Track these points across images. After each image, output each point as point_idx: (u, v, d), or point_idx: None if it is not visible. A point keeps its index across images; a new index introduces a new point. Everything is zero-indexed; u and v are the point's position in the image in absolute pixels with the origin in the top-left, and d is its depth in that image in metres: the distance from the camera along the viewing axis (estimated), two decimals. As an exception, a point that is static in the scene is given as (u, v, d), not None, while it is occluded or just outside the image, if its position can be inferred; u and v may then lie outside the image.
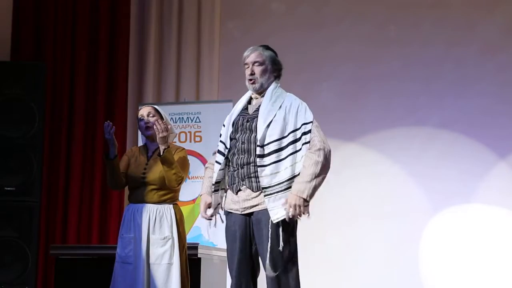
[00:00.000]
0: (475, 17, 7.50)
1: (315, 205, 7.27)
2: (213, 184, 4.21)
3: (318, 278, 7.18)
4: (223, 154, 4.20)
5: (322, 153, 4.06)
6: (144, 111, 5.15)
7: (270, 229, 4.01)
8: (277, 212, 4.01)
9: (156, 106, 5.22)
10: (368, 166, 7.50)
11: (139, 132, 7.22)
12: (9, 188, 6.60)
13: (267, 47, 4.28)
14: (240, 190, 4.14)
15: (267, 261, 4.01)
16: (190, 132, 6.96)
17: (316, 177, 4.03)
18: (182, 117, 7.03)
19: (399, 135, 7.50)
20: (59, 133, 7.73)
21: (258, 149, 4.07)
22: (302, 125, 4.10)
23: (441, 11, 7.57)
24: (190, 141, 6.90)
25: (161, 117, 5.09)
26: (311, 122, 4.11)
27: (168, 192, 5.06)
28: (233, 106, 6.74)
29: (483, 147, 7.33)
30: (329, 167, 4.10)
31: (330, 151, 4.11)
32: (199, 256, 5.57)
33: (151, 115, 5.10)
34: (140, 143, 6.74)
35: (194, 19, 7.88)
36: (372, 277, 7.26)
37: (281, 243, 4.00)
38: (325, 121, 7.31)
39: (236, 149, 4.16)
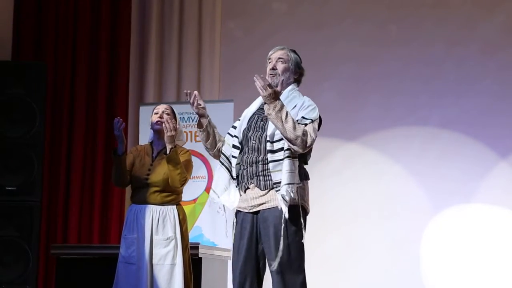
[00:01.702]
0: (476, 17, 7.50)
1: (316, 205, 7.32)
2: (233, 179, 4.21)
3: (319, 278, 7.17)
4: (238, 148, 4.22)
5: (308, 140, 4.03)
6: (161, 106, 5.20)
7: (277, 228, 4.03)
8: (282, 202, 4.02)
9: (173, 108, 5.24)
10: (369, 166, 7.50)
11: (140, 132, 7.26)
12: (10, 188, 6.61)
13: (293, 50, 4.34)
14: (248, 188, 4.16)
15: (274, 260, 4.02)
16: (191, 132, 6.96)
17: (289, 124, 3.99)
18: (183, 117, 7.02)
19: (400, 134, 7.50)
20: (60, 132, 7.73)
21: (268, 144, 4.09)
22: (302, 118, 4.11)
23: (442, 10, 7.57)
24: (191, 141, 6.89)
25: (175, 118, 5.11)
26: (311, 120, 4.10)
27: (171, 194, 5.07)
28: (234, 106, 6.80)
29: (484, 146, 7.33)
30: (301, 145, 4.01)
31: (309, 146, 4.07)
32: (200, 256, 5.57)
33: (166, 113, 5.11)
34: (141, 143, 6.77)
35: (195, 18, 7.88)
36: (373, 277, 7.26)
37: (295, 239, 4.03)
38: (326, 120, 7.31)
39: (247, 147, 4.18)
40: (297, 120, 4.07)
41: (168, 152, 4.95)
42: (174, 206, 5.06)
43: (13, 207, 6.59)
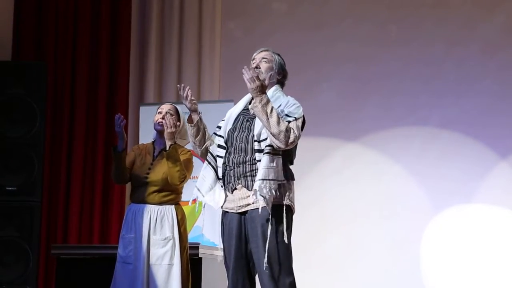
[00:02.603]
0: (476, 17, 7.51)
1: (316, 205, 7.35)
2: (219, 179, 4.23)
3: (319, 278, 7.18)
4: (224, 148, 4.23)
5: (291, 135, 4.04)
6: (165, 106, 5.19)
7: (265, 228, 4.04)
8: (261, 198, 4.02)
9: (178, 108, 5.22)
10: (369, 166, 7.50)
11: (140, 132, 7.26)
12: (10, 188, 6.62)
13: (277, 53, 4.35)
14: (235, 189, 4.17)
15: (264, 260, 4.02)
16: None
17: (274, 119, 4.01)
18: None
19: (400, 134, 7.50)
20: (60, 132, 7.73)
21: (255, 144, 4.11)
22: (286, 115, 4.12)
23: (442, 10, 7.58)
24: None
25: (178, 119, 5.11)
26: (294, 118, 4.12)
27: (170, 193, 5.07)
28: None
29: (484, 146, 7.34)
30: (283, 141, 4.02)
31: (291, 142, 4.07)
32: (200, 256, 5.57)
33: (169, 113, 5.09)
34: (141, 143, 6.77)
35: (195, 18, 7.89)
36: (373, 277, 7.26)
37: (283, 239, 4.04)
38: (326, 121, 7.43)
39: (233, 148, 4.20)
40: (281, 117, 4.08)
41: (167, 148, 4.96)
42: (173, 206, 5.06)
43: (14, 207, 6.60)
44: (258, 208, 4.07)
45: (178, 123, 5.05)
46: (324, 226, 7.39)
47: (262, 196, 3.99)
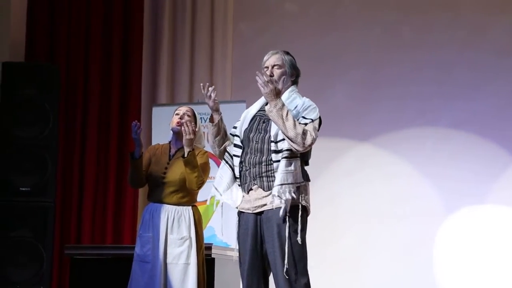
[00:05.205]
0: (487, 19, 7.51)
1: (329, 206, 7.35)
2: (236, 178, 4.24)
3: (331, 278, 7.19)
4: (240, 147, 4.24)
5: (308, 138, 4.06)
6: (183, 108, 5.20)
7: (281, 228, 4.05)
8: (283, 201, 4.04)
9: (194, 110, 5.24)
10: (382, 166, 7.51)
11: (153, 133, 7.29)
12: (24, 189, 6.64)
13: (287, 52, 4.34)
14: (251, 189, 4.19)
15: (280, 260, 4.04)
16: (204, 133, 6.98)
17: (290, 122, 4.03)
18: (196, 118, 7.03)
19: (412, 135, 7.51)
20: (73, 133, 7.75)
21: (272, 145, 4.12)
22: (302, 117, 4.14)
23: (454, 13, 7.58)
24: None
25: (195, 122, 5.12)
26: (311, 120, 4.13)
27: (187, 195, 5.08)
28: (246, 107, 6.80)
29: (497, 147, 7.34)
30: (301, 143, 4.04)
31: (309, 145, 4.09)
32: (213, 256, 5.58)
33: (187, 115, 5.11)
34: (153, 144, 6.78)
35: (207, 20, 7.91)
36: (385, 278, 7.26)
37: (298, 239, 4.06)
38: (339, 122, 7.44)
39: (249, 148, 4.21)
40: (298, 120, 4.10)
41: (186, 155, 4.96)
42: (190, 207, 5.08)
43: (27, 207, 6.62)
44: (274, 208, 4.08)
45: (196, 130, 5.06)
46: (337, 227, 7.40)
47: (282, 200, 4.01)
